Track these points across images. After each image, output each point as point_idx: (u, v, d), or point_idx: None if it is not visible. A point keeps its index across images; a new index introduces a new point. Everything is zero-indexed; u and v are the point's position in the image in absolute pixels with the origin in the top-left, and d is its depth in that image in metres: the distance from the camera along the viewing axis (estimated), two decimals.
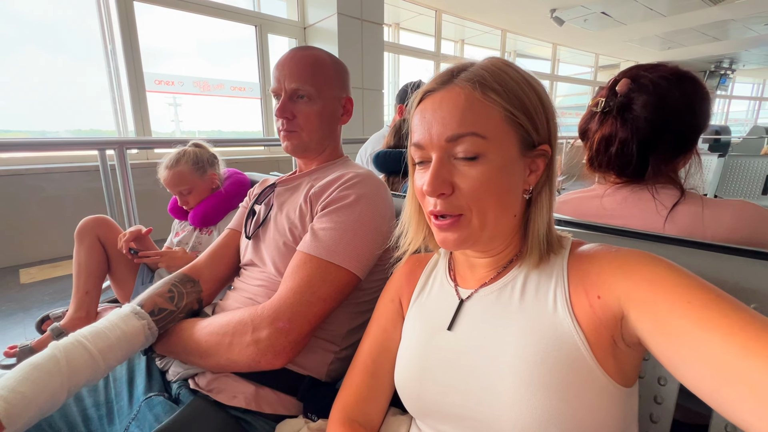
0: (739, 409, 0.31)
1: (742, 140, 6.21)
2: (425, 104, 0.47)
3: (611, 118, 0.72)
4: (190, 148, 1.35)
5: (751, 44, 7.41)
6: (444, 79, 0.46)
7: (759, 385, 0.29)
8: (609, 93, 0.73)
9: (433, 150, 0.45)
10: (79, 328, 1.11)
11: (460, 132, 0.43)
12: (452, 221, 0.45)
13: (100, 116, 3.29)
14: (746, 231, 0.63)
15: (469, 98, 0.44)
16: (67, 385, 0.55)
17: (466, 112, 0.43)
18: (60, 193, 2.83)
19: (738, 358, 0.31)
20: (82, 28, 3.20)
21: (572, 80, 8.60)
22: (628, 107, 0.69)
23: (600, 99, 0.73)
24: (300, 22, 4.11)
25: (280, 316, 0.64)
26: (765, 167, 2.85)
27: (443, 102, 0.45)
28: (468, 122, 0.43)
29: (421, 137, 0.46)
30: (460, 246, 0.47)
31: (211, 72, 4.05)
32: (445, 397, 0.48)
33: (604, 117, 0.73)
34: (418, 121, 0.47)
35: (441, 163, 0.45)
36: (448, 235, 0.46)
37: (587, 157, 0.79)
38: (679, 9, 5.32)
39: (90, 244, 1.23)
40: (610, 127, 0.72)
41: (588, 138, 0.77)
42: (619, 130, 0.70)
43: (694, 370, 0.34)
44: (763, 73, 11.07)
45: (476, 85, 0.44)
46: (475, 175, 0.44)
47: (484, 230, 0.46)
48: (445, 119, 0.44)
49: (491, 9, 5.48)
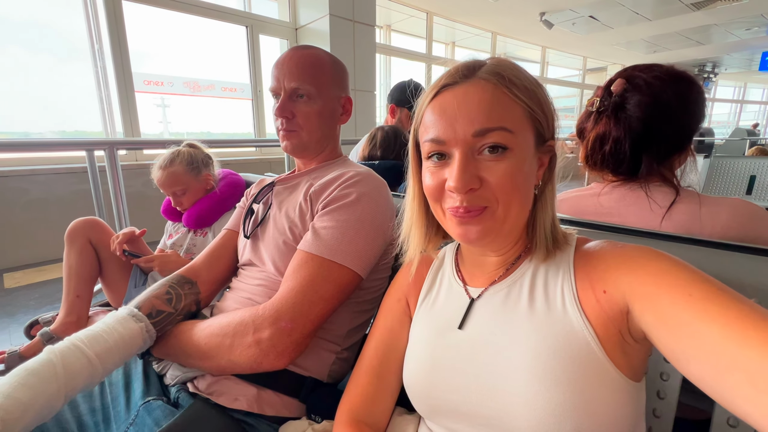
0: (738, 398, 0.31)
1: (725, 142, 6.38)
2: (444, 98, 0.45)
3: (605, 117, 0.73)
4: (185, 149, 1.33)
5: (733, 48, 7.62)
6: (465, 72, 0.45)
7: (757, 374, 0.30)
8: (604, 93, 0.74)
9: (457, 145, 0.44)
10: (69, 333, 1.09)
11: (489, 126, 0.42)
12: (476, 212, 0.44)
13: (86, 117, 3.23)
14: (742, 229, 0.65)
15: (496, 92, 0.43)
16: (64, 390, 0.53)
17: (494, 105, 0.43)
18: (45, 195, 2.76)
19: (737, 348, 0.31)
20: (68, 28, 3.14)
21: (561, 83, 8.72)
22: (622, 107, 0.70)
23: (595, 98, 0.74)
24: (291, 23, 4.09)
25: (282, 316, 0.63)
26: (749, 168, 2.93)
27: (468, 95, 0.43)
28: (496, 116, 0.43)
29: (441, 132, 0.44)
30: (482, 239, 0.45)
31: (201, 73, 4.00)
32: (457, 396, 0.47)
33: (598, 116, 0.74)
34: (436, 115, 0.45)
35: (467, 158, 0.43)
36: (471, 228, 0.45)
37: (582, 156, 0.79)
38: (664, 13, 5.46)
39: (81, 246, 1.20)
40: (604, 126, 0.72)
41: (584, 137, 0.78)
42: (613, 129, 0.71)
43: (696, 361, 0.34)
44: (743, 76, 11.40)
45: (502, 79, 0.44)
46: (502, 170, 0.43)
47: (506, 223, 0.46)
48: (471, 113, 0.43)
49: (482, 12, 5.54)
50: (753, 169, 2.93)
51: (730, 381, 0.31)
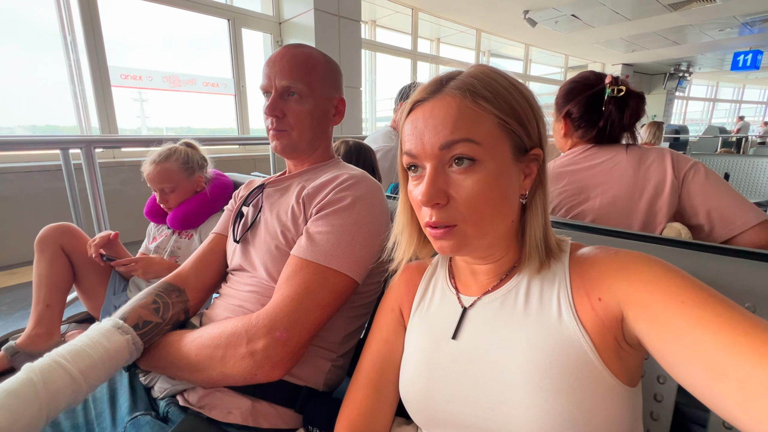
0: (728, 404, 0.31)
1: (699, 139, 6.61)
2: (416, 113, 0.46)
3: (617, 101, 0.96)
4: (182, 147, 1.28)
5: (706, 49, 7.88)
6: (433, 88, 0.46)
7: (746, 380, 0.30)
8: (616, 83, 0.96)
9: (427, 159, 0.45)
10: (38, 347, 1.03)
11: (453, 138, 0.43)
12: (446, 231, 0.45)
13: (59, 112, 3.08)
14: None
15: (461, 106, 0.43)
16: (46, 411, 0.50)
17: (459, 119, 0.43)
18: (16, 194, 2.62)
19: (727, 355, 0.32)
20: (37, 17, 2.98)
21: (544, 80, 8.85)
22: (630, 96, 0.96)
23: (615, 88, 0.95)
24: (275, 17, 4.00)
25: (277, 325, 0.61)
26: (723, 165, 3.04)
27: (434, 110, 0.44)
28: (461, 129, 0.43)
29: (413, 146, 0.46)
30: (457, 253, 0.47)
31: (182, 67, 3.88)
32: (453, 407, 0.47)
33: (618, 101, 0.96)
34: (409, 130, 0.47)
35: (436, 172, 0.44)
36: (444, 243, 0.46)
37: (594, 132, 0.99)
38: (643, 13, 5.59)
39: (52, 254, 1.12)
40: (615, 108, 0.96)
41: (596, 119, 0.98)
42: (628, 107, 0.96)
43: (687, 367, 0.34)
44: (716, 75, 11.82)
45: (467, 93, 0.44)
46: (470, 185, 0.43)
47: (482, 238, 0.46)
48: (437, 127, 0.44)
49: (467, 8, 5.55)
50: (727, 167, 3.04)
51: (721, 388, 0.32)
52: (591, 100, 0.97)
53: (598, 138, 0.99)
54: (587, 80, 1.00)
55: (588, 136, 1.00)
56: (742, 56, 7.39)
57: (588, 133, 1.00)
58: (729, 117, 14.83)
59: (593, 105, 0.97)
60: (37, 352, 1.01)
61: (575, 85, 1.01)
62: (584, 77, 1.01)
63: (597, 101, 0.97)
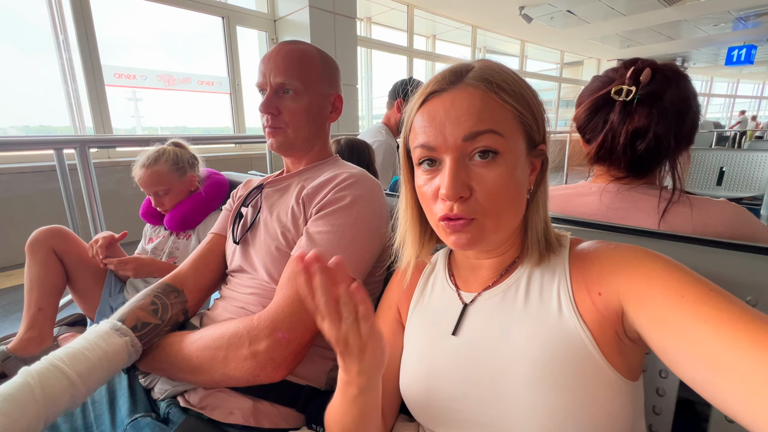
0: (729, 399, 0.31)
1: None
2: (433, 105, 0.45)
3: (639, 108, 0.65)
4: (170, 147, 1.25)
5: (700, 44, 7.92)
6: (452, 78, 0.45)
7: (747, 375, 0.30)
8: (631, 82, 0.66)
9: (447, 151, 0.43)
10: (30, 351, 1.02)
11: (479, 129, 0.42)
12: (465, 222, 0.44)
13: (52, 112, 3.05)
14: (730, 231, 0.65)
15: (484, 98, 0.43)
16: (44, 415, 0.49)
17: (483, 110, 0.42)
18: (9, 195, 2.60)
19: (728, 350, 0.32)
20: (28, 17, 2.94)
21: (539, 76, 8.85)
22: (659, 97, 0.64)
23: (623, 87, 0.66)
24: (270, 15, 3.97)
25: (278, 326, 0.61)
26: (718, 160, 3.06)
27: (455, 102, 0.43)
28: (485, 120, 0.42)
29: (431, 138, 0.44)
30: (472, 247, 0.46)
31: (176, 66, 3.85)
32: (454, 404, 0.47)
33: (625, 107, 0.67)
34: (426, 122, 0.45)
35: (458, 164, 0.43)
36: (461, 236, 0.44)
37: (594, 150, 0.72)
38: (637, 9, 5.60)
39: (44, 257, 1.10)
40: (644, 119, 0.65)
41: (600, 130, 0.70)
42: (655, 123, 0.65)
43: (688, 362, 0.34)
44: (710, 70, 11.88)
45: (490, 85, 0.43)
46: (493, 178, 0.43)
47: (498, 232, 0.46)
48: (460, 118, 0.42)
49: (462, 5, 5.53)
50: (722, 162, 3.06)
51: (721, 382, 0.32)
52: (596, 105, 0.71)
53: (614, 164, 0.71)
54: (607, 77, 0.72)
55: (602, 162, 0.73)
56: (737, 51, 7.43)
57: (599, 154, 0.72)
58: (723, 112, 14.93)
59: (600, 111, 0.71)
60: (29, 356, 1.00)
61: (591, 84, 0.75)
62: (610, 71, 0.73)
63: (607, 107, 0.70)
